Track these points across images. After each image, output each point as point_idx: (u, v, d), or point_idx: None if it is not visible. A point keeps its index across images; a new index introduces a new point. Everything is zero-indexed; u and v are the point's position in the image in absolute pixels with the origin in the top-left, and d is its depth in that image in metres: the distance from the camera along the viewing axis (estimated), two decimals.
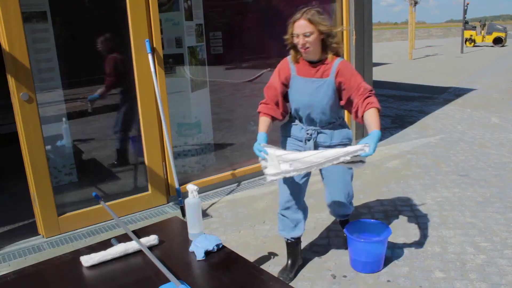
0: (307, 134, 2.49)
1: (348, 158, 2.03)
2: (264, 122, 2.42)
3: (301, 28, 2.23)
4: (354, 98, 2.34)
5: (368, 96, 2.29)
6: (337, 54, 2.39)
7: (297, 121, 2.56)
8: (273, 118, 2.46)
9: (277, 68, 2.50)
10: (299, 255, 2.77)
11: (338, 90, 2.40)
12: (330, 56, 2.34)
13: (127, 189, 3.78)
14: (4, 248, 3.19)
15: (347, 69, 2.34)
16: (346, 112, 2.77)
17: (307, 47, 2.26)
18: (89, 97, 3.80)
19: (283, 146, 2.59)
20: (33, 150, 3.11)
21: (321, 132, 2.49)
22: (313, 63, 2.38)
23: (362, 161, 2.10)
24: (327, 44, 2.31)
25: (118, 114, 4.04)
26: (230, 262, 1.75)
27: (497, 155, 4.81)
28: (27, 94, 3.03)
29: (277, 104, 2.46)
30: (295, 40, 2.28)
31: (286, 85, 2.46)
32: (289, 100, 2.52)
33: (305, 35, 2.23)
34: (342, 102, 2.44)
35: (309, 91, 2.40)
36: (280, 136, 2.65)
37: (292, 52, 2.41)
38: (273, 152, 2.18)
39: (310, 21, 2.21)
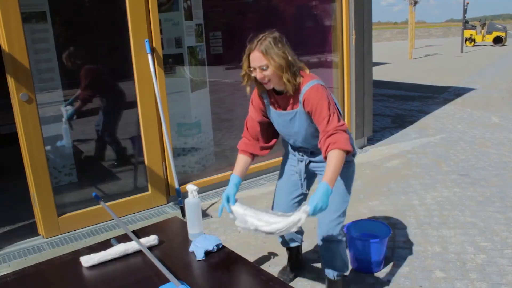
0: (299, 155, 2.28)
1: (294, 228, 1.77)
2: (240, 162, 2.16)
3: (256, 61, 1.91)
4: (320, 133, 2.01)
5: (333, 134, 1.93)
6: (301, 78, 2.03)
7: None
8: (253, 155, 2.20)
9: (251, 97, 2.21)
10: (300, 259, 2.74)
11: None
12: (298, 82, 1.99)
13: (127, 189, 3.78)
14: (4, 248, 3.19)
15: (313, 99, 1.98)
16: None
17: (267, 81, 1.96)
18: (66, 117, 3.64)
19: (283, 160, 2.42)
20: (33, 150, 3.11)
21: (312, 153, 2.26)
22: (281, 93, 2.08)
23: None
24: (288, 74, 1.94)
25: (100, 116, 3.96)
26: (230, 262, 1.75)
27: (497, 155, 4.81)
28: (27, 94, 3.03)
29: (257, 137, 2.21)
30: (253, 74, 1.95)
31: (264, 113, 2.19)
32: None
33: (261, 69, 1.92)
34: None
35: (284, 123, 2.14)
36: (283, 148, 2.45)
37: (256, 84, 2.07)
38: (238, 209, 1.90)
39: (264, 53, 1.89)
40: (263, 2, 4.87)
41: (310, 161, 2.28)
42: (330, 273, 2.31)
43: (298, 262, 2.72)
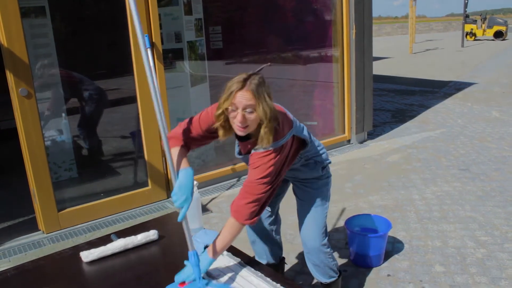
0: None
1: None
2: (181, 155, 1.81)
3: (244, 100, 1.59)
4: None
5: (243, 194, 1.71)
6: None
7: None
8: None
9: (208, 112, 1.84)
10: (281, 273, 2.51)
11: None
12: (261, 141, 1.67)
13: (127, 184, 3.78)
14: (5, 243, 3.19)
15: (257, 162, 1.70)
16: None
17: (244, 127, 1.63)
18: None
19: None
20: (33, 145, 3.11)
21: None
22: (243, 139, 1.80)
23: None
24: (269, 126, 1.63)
25: (83, 114, 3.92)
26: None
27: (498, 149, 4.81)
28: (26, 89, 3.02)
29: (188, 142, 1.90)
30: (231, 114, 1.63)
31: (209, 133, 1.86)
32: None
33: (246, 111, 1.60)
34: None
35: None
36: None
37: (220, 130, 1.73)
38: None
39: (255, 94, 1.59)
40: None
41: None
42: (322, 279, 2.27)
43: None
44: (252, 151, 1.73)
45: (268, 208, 2.24)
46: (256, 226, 2.25)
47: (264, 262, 2.34)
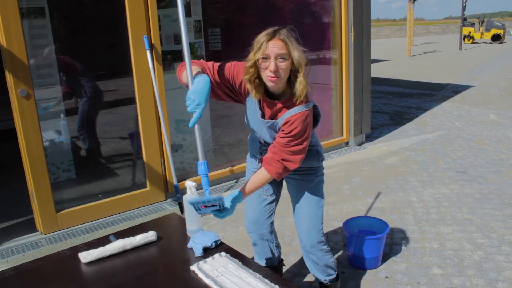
0: (260, 155, 2.09)
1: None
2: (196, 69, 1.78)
3: (276, 48, 1.65)
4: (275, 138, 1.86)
5: (275, 153, 1.81)
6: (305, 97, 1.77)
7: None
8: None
9: (236, 66, 1.89)
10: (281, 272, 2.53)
11: None
12: (298, 93, 1.73)
13: (126, 186, 3.78)
14: (2, 244, 3.19)
15: (295, 126, 1.77)
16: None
17: (276, 77, 1.68)
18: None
19: (247, 164, 2.27)
20: (31, 146, 3.11)
21: None
22: (270, 98, 1.83)
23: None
24: (303, 75, 1.71)
25: (81, 113, 3.89)
26: None
27: (495, 152, 4.82)
28: (25, 90, 3.02)
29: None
30: (262, 65, 1.68)
31: (230, 89, 1.93)
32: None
33: (279, 58, 1.66)
34: None
35: (256, 123, 1.94)
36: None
37: (249, 86, 1.79)
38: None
39: (287, 42, 1.66)
40: None
41: None
42: (321, 277, 2.28)
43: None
44: (287, 114, 1.76)
45: (268, 209, 2.25)
46: (258, 228, 2.26)
47: (264, 264, 2.34)
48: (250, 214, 2.26)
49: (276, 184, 2.23)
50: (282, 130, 1.82)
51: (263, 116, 1.90)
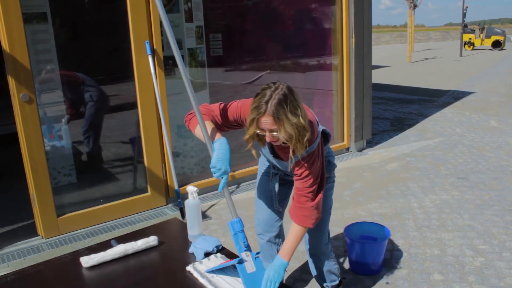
0: (274, 169, 2.16)
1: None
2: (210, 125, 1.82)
3: (268, 126, 1.65)
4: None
5: (299, 201, 1.85)
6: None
7: None
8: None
9: (241, 106, 1.89)
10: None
11: None
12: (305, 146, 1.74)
13: (127, 191, 3.78)
14: (3, 248, 3.19)
15: (306, 168, 1.82)
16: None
17: (276, 140, 1.73)
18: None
19: (260, 167, 2.29)
20: (33, 150, 3.11)
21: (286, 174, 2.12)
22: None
23: None
24: (298, 143, 1.69)
25: (88, 117, 3.90)
26: None
27: (496, 158, 4.82)
28: (27, 95, 3.03)
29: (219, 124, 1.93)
30: (260, 134, 1.72)
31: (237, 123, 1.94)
32: None
33: (272, 133, 1.67)
34: None
35: (268, 156, 2.04)
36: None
37: (259, 141, 1.82)
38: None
39: (276, 119, 1.62)
40: (263, 5, 4.88)
41: (283, 177, 2.18)
42: (323, 283, 2.29)
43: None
44: (293, 160, 1.77)
45: (278, 212, 2.26)
46: (268, 229, 2.27)
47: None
48: (261, 215, 2.27)
49: (286, 192, 2.24)
50: (295, 174, 1.85)
51: (275, 156, 1.96)
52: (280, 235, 2.32)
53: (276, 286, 1.65)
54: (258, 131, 1.69)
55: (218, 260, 1.73)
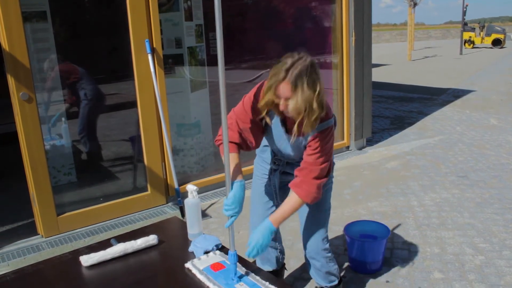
0: (275, 165, 2.14)
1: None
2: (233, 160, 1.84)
3: (286, 92, 1.67)
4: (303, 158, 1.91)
5: (305, 175, 1.86)
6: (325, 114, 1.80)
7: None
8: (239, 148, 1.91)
9: (251, 96, 1.91)
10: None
11: None
12: (303, 131, 1.77)
13: (126, 189, 3.78)
14: (3, 247, 3.19)
15: (321, 142, 1.84)
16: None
17: (287, 112, 1.75)
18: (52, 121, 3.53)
19: (256, 168, 2.27)
20: (33, 149, 3.11)
21: (288, 163, 2.11)
22: None
23: None
24: (307, 118, 1.71)
25: (81, 117, 3.89)
26: None
27: (496, 157, 4.82)
28: (27, 93, 3.03)
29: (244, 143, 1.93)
30: (276, 101, 1.73)
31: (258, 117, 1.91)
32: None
33: (287, 100, 1.70)
34: None
35: (279, 141, 1.99)
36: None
37: (274, 110, 1.83)
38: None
39: (292, 87, 1.65)
40: (263, 3, 4.87)
41: (283, 171, 2.15)
42: (323, 284, 2.28)
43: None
44: (308, 137, 1.81)
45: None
46: (264, 211, 2.24)
47: (266, 268, 2.34)
48: (256, 220, 2.24)
49: (284, 193, 2.22)
50: (309, 146, 1.86)
51: (287, 131, 1.92)
52: (276, 239, 2.32)
53: (264, 251, 1.76)
54: (274, 98, 1.70)
55: (216, 257, 1.73)
